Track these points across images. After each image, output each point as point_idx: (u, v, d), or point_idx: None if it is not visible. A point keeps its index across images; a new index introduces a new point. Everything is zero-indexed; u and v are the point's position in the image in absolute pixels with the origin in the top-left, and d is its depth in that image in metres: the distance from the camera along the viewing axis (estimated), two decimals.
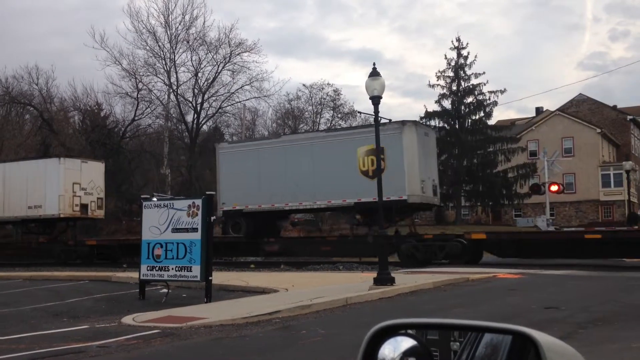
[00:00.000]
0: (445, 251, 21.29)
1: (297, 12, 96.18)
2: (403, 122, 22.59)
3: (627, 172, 40.13)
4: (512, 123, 55.40)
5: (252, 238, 24.84)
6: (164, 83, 44.82)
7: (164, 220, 13.22)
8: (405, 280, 14.41)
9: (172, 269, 13.02)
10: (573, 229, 32.77)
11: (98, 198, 28.41)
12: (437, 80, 47.85)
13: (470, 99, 47.41)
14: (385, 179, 21.11)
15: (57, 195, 26.71)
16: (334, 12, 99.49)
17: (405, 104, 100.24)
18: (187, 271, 12.79)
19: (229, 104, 46.64)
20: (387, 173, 20.35)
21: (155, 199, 14.20)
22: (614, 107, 62.35)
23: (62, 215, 27.01)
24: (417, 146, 22.38)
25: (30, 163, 28.94)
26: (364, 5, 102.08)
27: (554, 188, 32.71)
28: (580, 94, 61.49)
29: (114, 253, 27.35)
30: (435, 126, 44.06)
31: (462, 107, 47.25)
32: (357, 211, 22.80)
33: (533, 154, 50.22)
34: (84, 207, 27.48)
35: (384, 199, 15.60)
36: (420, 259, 21.31)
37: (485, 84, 47.29)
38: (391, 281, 13.32)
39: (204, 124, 48.03)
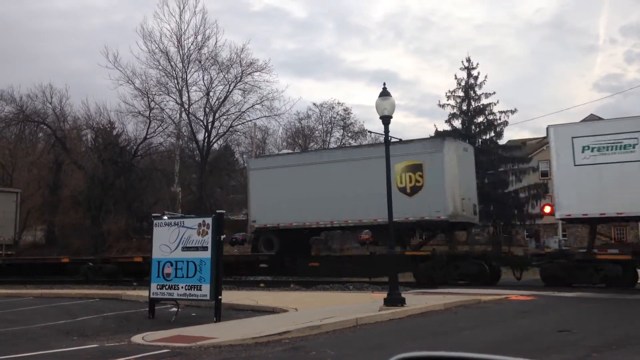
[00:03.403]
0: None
1: (316, 34, 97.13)
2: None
3: None
4: (522, 143, 55.22)
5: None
6: (176, 102, 45.18)
7: (174, 239, 13.26)
8: (416, 301, 14.30)
9: (182, 287, 13.02)
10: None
11: None
12: (448, 100, 47.87)
13: (480, 119, 47.36)
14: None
15: None
16: (353, 34, 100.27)
17: (420, 124, 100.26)
18: (197, 290, 12.79)
19: (240, 122, 46.87)
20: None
21: (165, 217, 14.23)
22: None
23: None
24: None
25: None
26: (382, 27, 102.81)
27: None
28: (591, 114, 61.13)
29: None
30: None
31: (473, 127, 47.18)
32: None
33: (545, 174, 49.89)
34: None
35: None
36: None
37: (495, 104, 47.23)
38: (402, 302, 13.22)
39: (215, 142, 48.27)
